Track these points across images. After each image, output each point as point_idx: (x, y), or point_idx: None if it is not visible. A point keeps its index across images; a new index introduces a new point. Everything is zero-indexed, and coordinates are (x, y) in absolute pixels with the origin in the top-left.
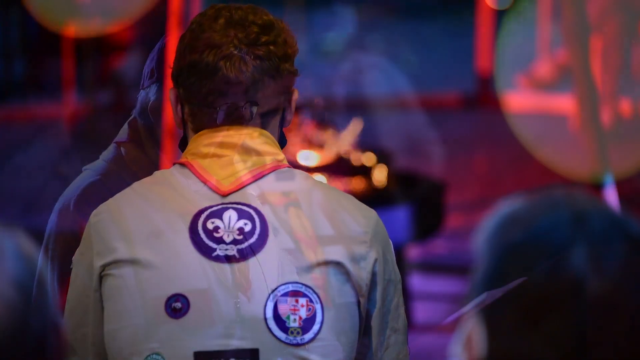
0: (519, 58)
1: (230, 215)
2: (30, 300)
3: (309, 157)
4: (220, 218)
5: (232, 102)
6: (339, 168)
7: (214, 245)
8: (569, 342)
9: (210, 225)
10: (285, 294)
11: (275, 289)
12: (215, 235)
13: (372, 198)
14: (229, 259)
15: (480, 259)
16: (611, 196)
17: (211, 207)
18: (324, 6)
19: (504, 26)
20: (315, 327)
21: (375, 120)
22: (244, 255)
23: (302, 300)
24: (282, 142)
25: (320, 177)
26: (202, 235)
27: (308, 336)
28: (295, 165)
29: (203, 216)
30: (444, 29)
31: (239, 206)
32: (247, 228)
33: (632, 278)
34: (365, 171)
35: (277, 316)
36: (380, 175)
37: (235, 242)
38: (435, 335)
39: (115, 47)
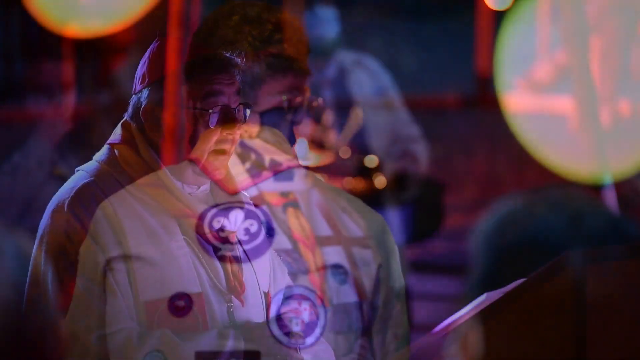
0: (518, 59)
1: (237, 215)
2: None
3: (308, 157)
4: (227, 217)
5: (240, 100)
6: (338, 168)
7: (218, 245)
8: (568, 344)
9: (216, 224)
10: (288, 297)
11: (278, 291)
12: (221, 235)
13: (371, 199)
14: (233, 259)
15: (478, 260)
16: (610, 196)
17: (216, 206)
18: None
19: (504, 27)
20: (317, 331)
21: (363, 120)
22: (248, 256)
23: (305, 304)
24: (292, 141)
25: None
26: (207, 235)
27: (310, 340)
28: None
29: (209, 215)
30: (444, 30)
31: (245, 206)
32: (253, 229)
33: (630, 279)
34: (364, 172)
35: (279, 319)
36: (379, 176)
37: (240, 242)
38: (433, 336)
39: (115, 48)
